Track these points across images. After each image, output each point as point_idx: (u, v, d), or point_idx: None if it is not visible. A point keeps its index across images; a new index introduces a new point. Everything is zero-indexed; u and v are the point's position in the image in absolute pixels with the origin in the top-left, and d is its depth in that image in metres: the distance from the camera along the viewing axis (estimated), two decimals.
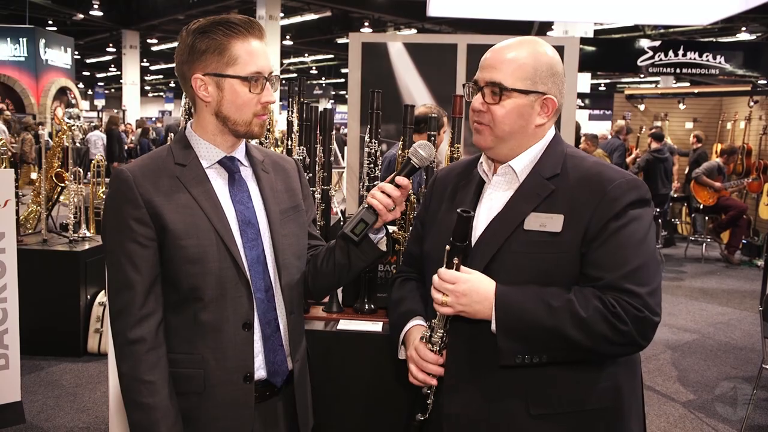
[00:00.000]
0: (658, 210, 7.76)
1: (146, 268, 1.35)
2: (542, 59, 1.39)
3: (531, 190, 1.39)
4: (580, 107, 14.28)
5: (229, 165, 1.45)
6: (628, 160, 8.93)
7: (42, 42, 15.65)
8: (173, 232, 1.35)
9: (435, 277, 1.35)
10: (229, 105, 1.39)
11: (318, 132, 2.24)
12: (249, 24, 1.38)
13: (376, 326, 1.93)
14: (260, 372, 1.44)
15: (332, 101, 26.70)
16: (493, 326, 1.31)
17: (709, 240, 8.78)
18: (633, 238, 1.31)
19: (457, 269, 1.34)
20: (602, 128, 12.56)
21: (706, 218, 8.80)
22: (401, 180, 1.46)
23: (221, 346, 1.39)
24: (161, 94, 35.52)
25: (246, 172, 1.48)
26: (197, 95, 1.40)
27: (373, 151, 2.02)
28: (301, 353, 1.55)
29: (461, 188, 1.50)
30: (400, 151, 2.02)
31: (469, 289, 1.32)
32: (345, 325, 1.93)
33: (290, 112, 2.92)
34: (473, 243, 1.40)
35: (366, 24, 16.72)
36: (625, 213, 1.32)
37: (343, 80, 26.64)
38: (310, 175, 2.12)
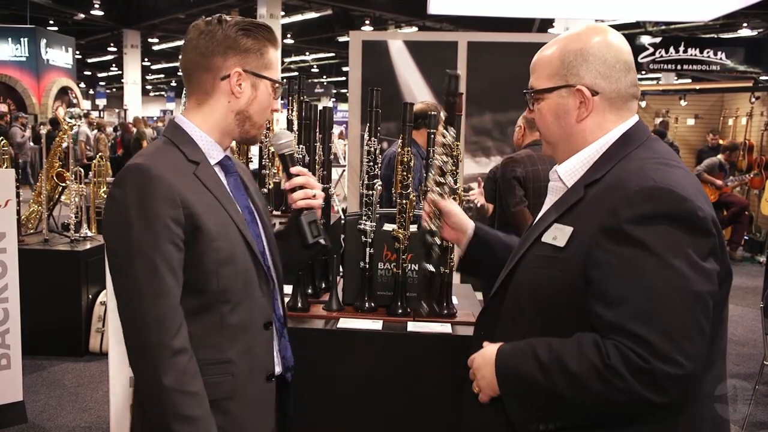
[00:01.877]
0: None
1: (180, 273, 1.28)
2: (570, 47, 1.25)
3: (566, 198, 1.25)
4: None
5: (227, 164, 1.46)
6: None
7: (43, 42, 15.65)
8: (208, 234, 1.31)
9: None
10: (258, 106, 1.42)
11: (318, 130, 2.24)
12: (275, 34, 1.46)
13: (376, 324, 1.92)
14: (277, 369, 1.47)
15: (333, 99, 26.68)
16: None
17: None
18: (639, 265, 1.07)
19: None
20: None
21: None
22: (295, 169, 1.54)
23: (247, 348, 1.38)
24: (162, 93, 35.52)
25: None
26: (230, 89, 1.38)
27: (372, 149, 2.01)
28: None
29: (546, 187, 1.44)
30: (399, 149, 2.02)
31: (479, 364, 1.28)
32: (345, 323, 1.93)
33: (290, 111, 2.91)
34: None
35: (367, 22, 16.70)
36: (625, 232, 1.09)
37: (344, 78, 26.61)
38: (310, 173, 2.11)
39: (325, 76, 29.52)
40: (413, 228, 2.02)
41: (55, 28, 19.20)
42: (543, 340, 1.18)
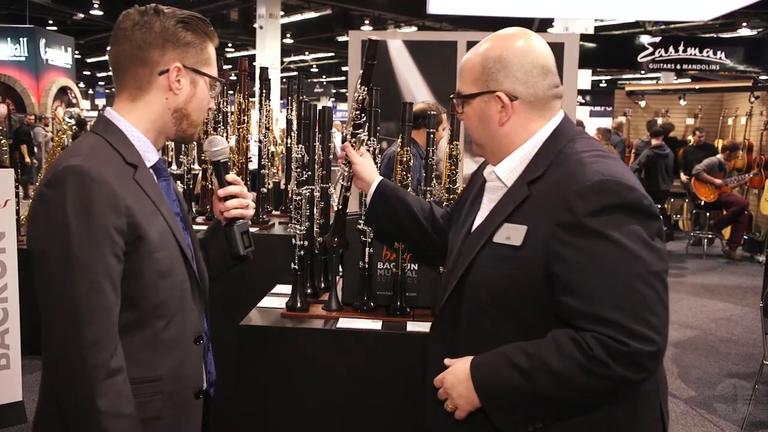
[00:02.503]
0: (659, 206, 7.75)
1: (119, 287, 1.19)
2: (491, 54, 1.29)
3: (510, 197, 1.29)
4: (581, 104, 14.26)
5: (160, 168, 1.36)
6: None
7: (42, 42, 15.64)
8: (149, 244, 1.22)
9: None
10: (197, 103, 1.34)
11: (317, 130, 2.24)
12: (213, 29, 1.37)
13: (375, 324, 1.92)
14: (204, 384, 1.41)
15: (333, 99, 26.68)
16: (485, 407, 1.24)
17: (710, 236, 8.77)
18: (603, 256, 1.13)
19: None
20: (603, 125, 12.53)
21: (708, 214, 8.79)
22: (229, 178, 1.50)
23: (179, 364, 1.30)
24: None
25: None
26: (169, 85, 1.30)
27: (372, 149, 2.01)
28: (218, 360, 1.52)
29: (475, 188, 1.48)
30: (398, 149, 2.02)
31: (452, 383, 1.29)
32: (345, 323, 1.93)
33: (289, 111, 2.92)
34: (458, 254, 1.38)
35: (366, 22, 16.69)
36: (584, 225, 1.14)
37: (343, 78, 26.61)
38: (309, 173, 2.11)
39: (324, 76, 29.51)
40: None
41: (55, 28, 19.18)
42: (513, 347, 1.21)
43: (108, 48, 1.34)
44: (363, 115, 1.80)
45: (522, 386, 1.18)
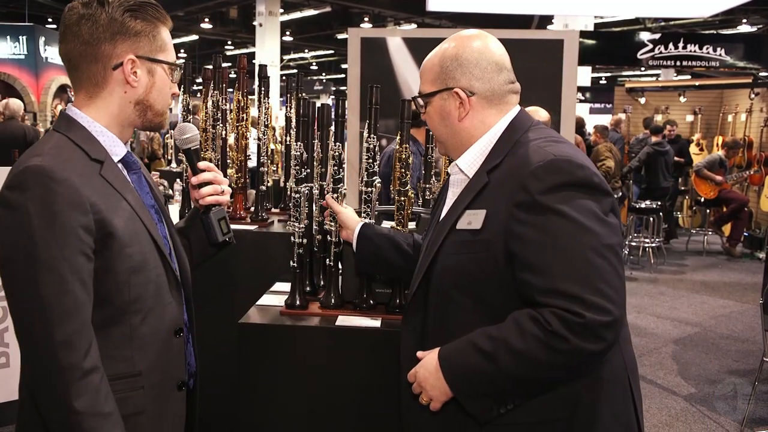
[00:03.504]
0: (659, 203, 7.74)
1: (90, 285, 1.17)
2: (447, 53, 1.37)
3: (471, 186, 1.35)
4: (581, 101, 14.24)
5: (129, 161, 1.34)
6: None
7: (42, 39, 15.62)
8: (120, 240, 1.20)
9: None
10: (157, 93, 1.31)
11: (316, 127, 2.23)
12: (165, 12, 1.33)
13: (375, 322, 1.92)
14: (185, 376, 1.40)
15: (332, 97, 26.65)
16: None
17: (710, 233, 8.77)
18: (556, 231, 1.18)
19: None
20: (603, 122, 12.52)
21: (708, 211, 8.79)
22: (201, 165, 1.51)
23: (158, 358, 1.29)
24: None
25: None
26: (125, 79, 1.26)
27: (371, 146, 2.01)
28: (200, 351, 1.52)
29: (444, 187, 1.53)
30: (397, 146, 2.01)
31: (424, 376, 1.32)
32: (343, 320, 1.92)
33: (288, 108, 2.91)
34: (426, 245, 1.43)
35: (366, 19, 16.67)
36: (539, 203, 1.19)
37: (343, 76, 26.59)
38: (308, 170, 2.11)
39: (324, 74, 29.49)
40: (412, 225, 2.02)
41: (54, 26, 19.16)
42: (479, 332, 1.25)
43: (59, 45, 1.29)
44: (341, 170, 1.90)
45: (488, 369, 1.22)
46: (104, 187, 1.21)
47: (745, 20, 14.60)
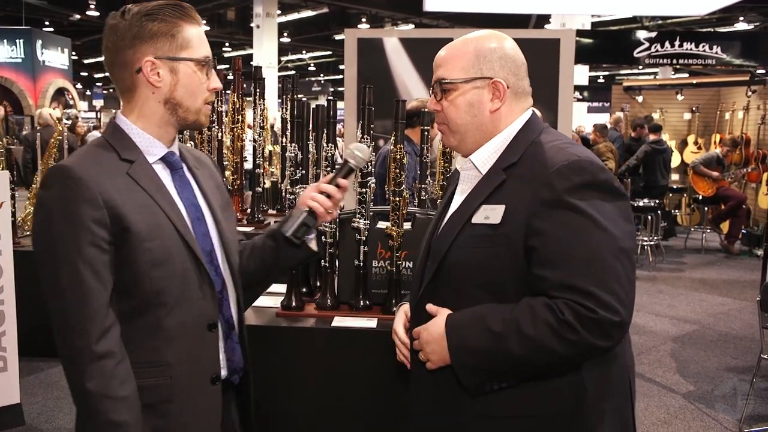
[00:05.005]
0: (657, 201, 7.74)
1: (106, 274, 1.24)
2: (485, 45, 1.37)
3: (487, 182, 1.35)
4: (579, 100, 14.24)
5: (171, 161, 1.39)
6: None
7: (39, 43, 15.60)
8: (137, 234, 1.26)
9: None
10: (183, 90, 1.34)
11: (311, 129, 2.24)
12: (192, 9, 1.36)
13: (371, 323, 1.92)
14: (222, 372, 1.42)
15: (332, 98, 26.62)
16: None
17: (708, 230, 8.77)
18: (577, 228, 1.21)
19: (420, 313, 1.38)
20: (600, 121, 12.53)
21: (706, 209, 8.80)
22: (342, 182, 1.50)
23: (188, 350, 1.33)
24: None
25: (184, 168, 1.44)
26: (147, 80, 1.32)
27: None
28: (248, 348, 1.53)
29: (451, 185, 1.52)
30: (392, 146, 2.01)
31: (427, 339, 1.34)
32: (340, 321, 1.93)
33: (284, 110, 2.91)
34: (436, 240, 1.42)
35: (363, 20, 16.67)
36: (563, 201, 1.22)
37: (341, 77, 26.60)
38: (303, 172, 2.11)
39: (322, 75, 29.49)
40: (407, 225, 2.02)
41: (51, 29, 19.16)
42: (490, 310, 1.27)
43: None
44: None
45: (493, 349, 1.24)
46: (128, 185, 1.29)
47: (742, 18, 14.61)
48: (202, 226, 1.40)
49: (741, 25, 15.03)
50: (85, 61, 28.82)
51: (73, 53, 19.68)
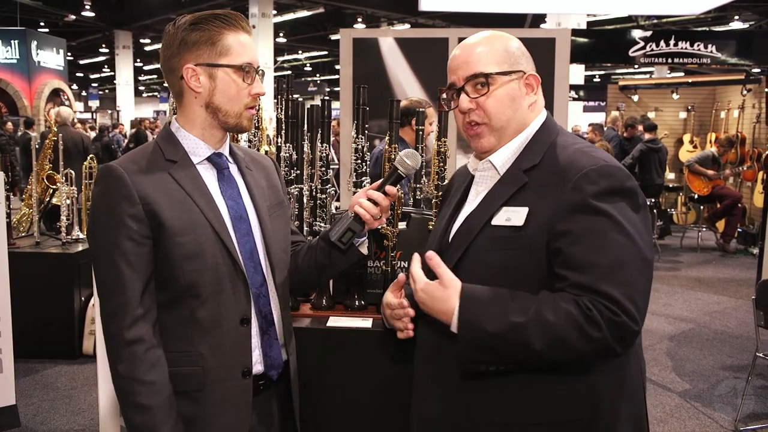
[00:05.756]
0: (653, 200, 7.76)
1: (141, 266, 1.33)
2: (509, 42, 1.38)
3: (506, 183, 1.33)
4: (574, 99, 14.25)
5: (217, 161, 1.46)
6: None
7: (34, 44, 15.56)
8: (170, 229, 1.34)
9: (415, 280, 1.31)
10: (222, 95, 1.40)
11: (306, 129, 2.23)
12: (238, 17, 1.42)
13: (366, 323, 1.92)
14: (257, 366, 1.46)
15: (327, 98, 26.62)
16: (455, 330, 1.23)
17: (704, 229, 8.80)
18: (604, 233, 1.19)
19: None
20: (596, 120, 12.55)
21: (702, 207, 8.82)
22: (390, 189, 1.50)
23: (220, 342, 1.39)
24: (155, 94, 35.42)
25: (232, 169, 1.51)
26: (188, 86, 1.40)
27: (360, 147, 2.01)
28: (293, 346, 1.59)
29: (460, 185, 1.49)
30: (387, 146, 2.01)
31: (429, 297, 1.27)
32: (335, 321, 1.93)
33: (279, 110, 2.91)
34: (450, 240, 1.39)
35: (359, 20, 16.67)
36: (591, 205, 1.20)
37: (337, 77, 26.59)
38: (298, 172, 2.11)
39: (318, 75, 29.47)
40: (402, 225, 2.02)
41: (46, 30, 19.10)
42: (517, 300, 1.20)
43: None
44: (329, 171, 1.98)
45: (510, 336, 1.18)
46: (168, 183, 1.37)
47: (737, 17, 14.66)
48: (244, 225, 1.45)
49: (736, 24, 15.08)
50: (81, 62, 28.74)
51: (69, 54, 19.64)
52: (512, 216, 1.27)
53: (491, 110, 1.34)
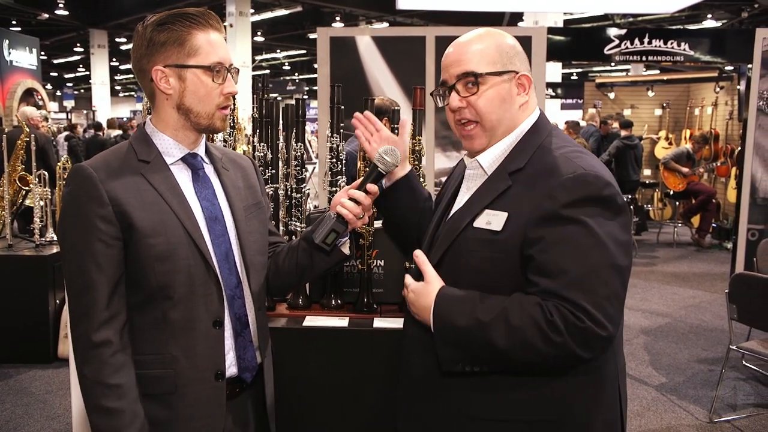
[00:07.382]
0: (629, 196, 7.85)
1: (110, 268, 1.31)
2: (503, 41, 1.37)
3: (491, 185, 1.34)
4: (552, 96, 14.37)
5: (192, 162, 1.44)
6: None
7: (6, 43, 15.25)
8: (141, 230, 1.32)
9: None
10: (192, 96, 1.38)
11: (281, 128, 2.22)
12: (208, 15, 1.39)
13: (342, 321, 1.92)
14: (231, 369, 1.44)
15: (305, 97, 26.53)
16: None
17: (680, 224, 8.93)
18: (575, 241, 1.20)
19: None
20: (573, 118, 12.67)
21: (677, 203, 8.95)
22: (371, 187, 1.50)
23: (192, 345, 1.37)
24: (132, 93, 35.00)
25: (208, 169, 1.48)
26: (158, 88, 1.38)
27: (334, 145, 2.00)
28: (269, 349, 1.57)
29: (456, 177, 1.50)
30: (360, 146, 2.00)
31: (413, 300, 1.37)
32: (311, 321, 1.92)
33: (254, 109, 2.89)
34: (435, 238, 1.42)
35: (337, 18, 16.62)
36: (563, 214, 1.22)
37: (316, 75, 26.49)
38: (273, 171, 2.10)
39: (297, 74, 29.34)
40: (378, 224, 2.02)
41: (19, 29, 18.76)
42: (480, 299, 1.27)
43: None
44: (304, 170, 2.00)
45: (476, 333, 1.25)
46: (139, 184, 1.35)
47: (710, 15, 14.87)
48: (219, 226, 1.43)
49: (709, 23, 15.30)
50: (55, 61, 28.29)
51: (42, 53, 19.30)
52: (492, 220, 1.29)
53: (482, 110, 1.35)
